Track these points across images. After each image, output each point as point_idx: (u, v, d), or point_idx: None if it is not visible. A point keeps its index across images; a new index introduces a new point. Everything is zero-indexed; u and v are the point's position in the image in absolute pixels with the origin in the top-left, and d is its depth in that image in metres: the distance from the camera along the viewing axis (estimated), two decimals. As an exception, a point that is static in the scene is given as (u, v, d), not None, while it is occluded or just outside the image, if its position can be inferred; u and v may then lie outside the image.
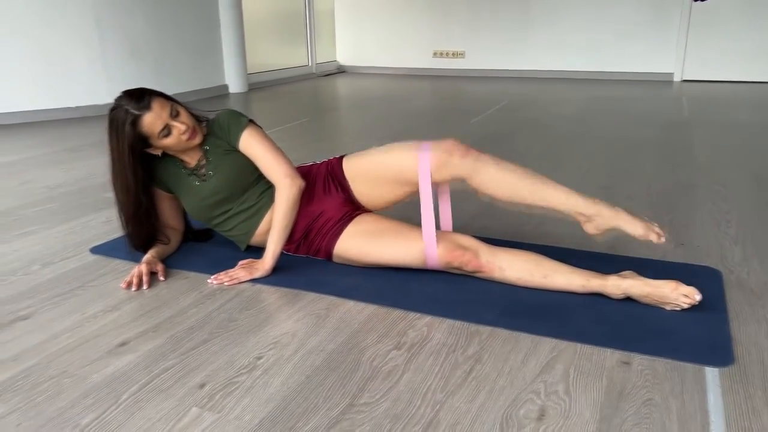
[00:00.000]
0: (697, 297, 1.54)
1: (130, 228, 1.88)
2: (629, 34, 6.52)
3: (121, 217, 1.87)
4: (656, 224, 1.67)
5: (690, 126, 4.09)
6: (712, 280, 1.76)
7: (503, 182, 1.69)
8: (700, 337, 1.45)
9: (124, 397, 1.28)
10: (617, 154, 3.34)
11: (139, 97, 1.75)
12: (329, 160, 1.93)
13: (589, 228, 1.69)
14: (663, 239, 1.63)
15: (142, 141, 1.78)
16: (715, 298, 1.64)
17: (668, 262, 1.90)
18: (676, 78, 6.46)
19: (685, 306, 1.55)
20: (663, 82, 6.41)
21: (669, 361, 1.37)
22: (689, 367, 1.35)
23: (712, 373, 1.33)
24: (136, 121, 1.73)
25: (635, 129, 4.01)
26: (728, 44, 6.19)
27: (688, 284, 1.57)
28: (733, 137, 3.70)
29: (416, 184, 1.77)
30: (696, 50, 6.33)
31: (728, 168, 3.00)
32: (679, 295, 1.55)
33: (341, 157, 1.91)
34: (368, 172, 1.84)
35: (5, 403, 1.26)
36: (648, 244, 1.92)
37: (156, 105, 1.75)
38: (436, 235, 1.72)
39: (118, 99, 1.76)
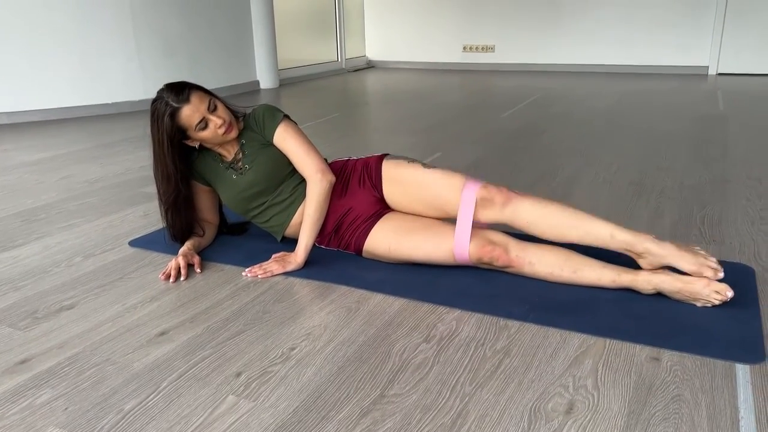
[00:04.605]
0: (729, 294, 1.54)
1: (169, 216, 1.94)
2: (663, 26, 6.41)
3: (161, 206, 1.94)
4: (711, 257, 1.58)
5: (725, 120, 4.02)
6: (744, 277, 1.74)
7: (546, 226, 1.68)
8: (731, 334, 1.45)
9: (164, 384, 1.33)
10: (649, 149, 3.30)
11: (180, 90, 1.80)
12: (367, 157, 1.96)
13: (643, 264, 1.63)
14: (721, 274, 1.55)
15: (180, 132, 1.83)
16: (747, 295, 1.63)
17: (700, 258, 1.88)
18: (711, 71, 6.33)
19: (717, 302, 1.55)
20: (697, 75, 6.29)
21: (699, 357, 1.38)
22: (720, 363, 1.35)
23: (743, 370, 1.33)
24: (174, 113, 1.79)
25: (668, 123, 3.95)
26: (767, 36, 6.05)
27: (720, 281, 1.56)
28: (769, 132, 3.63)
29: (449, 215, 1.80)
30: (732, 42, 6.20)
31: (764, 163, 2.95)
32: (711, 291, 1.54)
33: (381, 157, 1.93)
34: (406, 185, 1.85)
35: (53, 388, 1.32)
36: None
37: (194, 98, 1.81)
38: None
39: (160, 91, 1.83)
